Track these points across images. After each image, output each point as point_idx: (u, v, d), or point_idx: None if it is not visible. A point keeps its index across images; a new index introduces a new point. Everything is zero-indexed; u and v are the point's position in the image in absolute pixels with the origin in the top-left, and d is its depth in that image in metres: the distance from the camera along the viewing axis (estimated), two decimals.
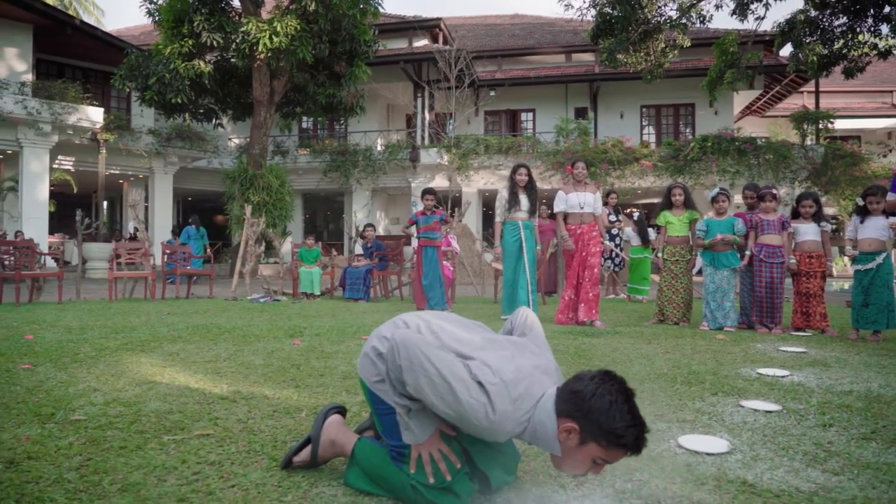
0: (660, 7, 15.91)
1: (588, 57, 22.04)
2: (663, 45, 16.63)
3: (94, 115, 15.69)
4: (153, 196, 18.40)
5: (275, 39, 12.86)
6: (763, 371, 3.44)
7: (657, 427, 2.31)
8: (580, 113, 22.03)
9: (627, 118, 22.17)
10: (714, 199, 5.61)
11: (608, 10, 15.49)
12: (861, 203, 4.85)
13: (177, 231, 18.71)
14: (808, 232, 5.13)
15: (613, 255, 10.25)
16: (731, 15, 16.48)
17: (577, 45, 22.04)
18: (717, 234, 5.31)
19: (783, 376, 3.31)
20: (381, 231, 22.21)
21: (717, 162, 18.47)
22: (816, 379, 3.26)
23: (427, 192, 6.98)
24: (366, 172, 19.82)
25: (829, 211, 23.22)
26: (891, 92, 26.60)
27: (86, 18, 27.13)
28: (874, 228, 4.74)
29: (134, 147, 17.31)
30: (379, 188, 20.83)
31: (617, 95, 21.70)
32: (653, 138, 22.34)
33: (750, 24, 17.85)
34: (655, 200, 23.12)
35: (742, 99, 23.41)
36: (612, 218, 10.34)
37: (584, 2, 15.53)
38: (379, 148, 20.70)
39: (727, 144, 18.52)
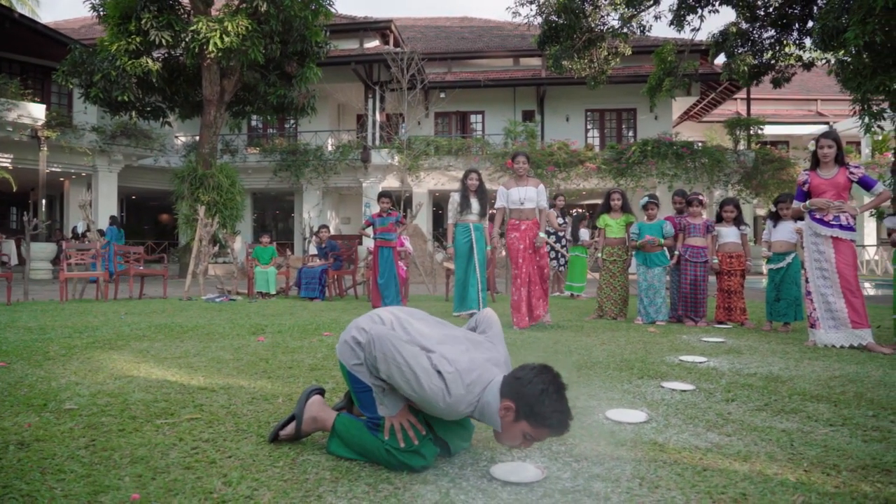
0: (603, 17, 16.62)
1: (535, 61, 22.69)
2: (606, 53, 17.37)
3: (35, 111, 15.27)
4: (97, 195, 17.99)
5: (225, 39, 12.87)
6: (684, 358, 3.90)
7: (589, 404, 2.71)
8: (528, 116, 22.67)
9: (573, 121, 22.94)
10: (645, 207, 6.11)
11: (554, 18, 16.07)
12: (773, 209, 5.44)
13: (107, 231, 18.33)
14: (730, 234, 5.70)
15: (559, 255, 10.77)
16: (669, 25, 17.35)
17: (525, 50, 22.65)
18: (646, 236, 5.81)
19: (701, 362, 3.78)
20: (332, 230, 22.30)
21: (656, 165, 19.36)
22: (729, 364, 3.75)
23: (383, 195, 7.28)
24: (317, 172, 19.89)
25: (760, 212, 24.60)
26: (815, 100, 28.28)
27: (20, 9, 26.10)
28: (785, 232, 5.33)
29: (77, 145, 16.90)
30: (330, 188, 20.92)
31: (563, 99, 22.43)
32: (597, 141, 23.20)
33: (686, 34, 18.77)
34: (598, 202, 23.99)
35: (680, 105, 24.54)
36: (560, 221, 10.86)
37: (532, 10, 16.09)
38: (330, 148, 20.80)
39: (666, 148, 19.44)
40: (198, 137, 17.36)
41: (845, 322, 4.40)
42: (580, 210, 24.56)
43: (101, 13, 14.08)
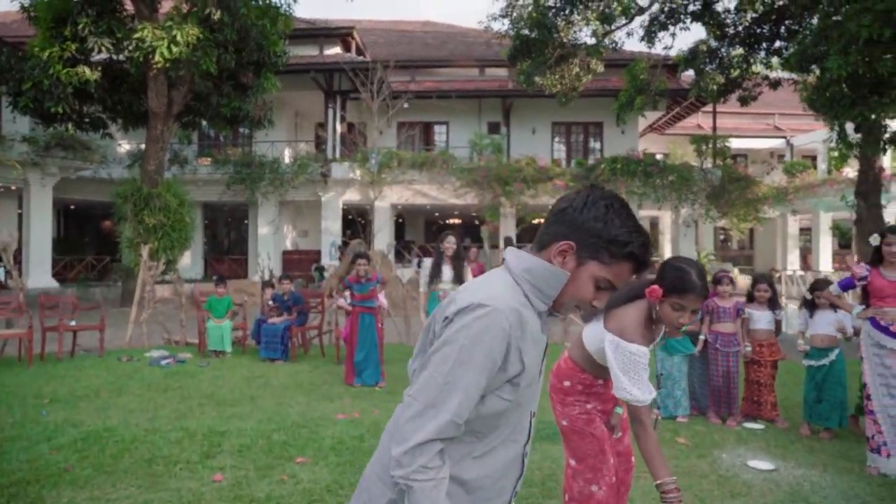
0: (575, 32, 16.06)
1: (501, 72, 22.00)
2: (578, 69, 16.83)
3: None
4: (28, 210, 16.38)
5: (174, 49, 11.67)
6: None
7: None
8: (493, 127, 22.00)
9: (539, 134, 22.39)
10: None
11: (526, 32, 15.41)
12: (809, 297, 4.82)
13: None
14: (762, 319, 5.05)
15: None
16: (640, 41, 16.93)
17: (491, 60, 21.95)
18: None
19: None
20: (287, 245, 21.15)
21: (625, 183, 18.96)
22: None
23: (359, 256, 6.40)
24: (273, 186, 18.70)
25: (720, 223, 24.53)
26: (773, 115, 28.57)
27: None
28: (824, 324, 4.72)
29: (4, 157, 15.29)
30: (287, 200, 19.76)
31: (529, 111, 21.84)
32: (563, 154, 22.73)
33: (657, 50, 18.57)
34: None
35: (646, 118, 24.30)
36: None
37: (504, 24, 15.40)
38: (287, 160, 19.62)
39: (635, 166, 19.07)
40: (143, 147, 16.01)
41: None
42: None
43: (32, 14, 12.64)
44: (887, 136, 12.49)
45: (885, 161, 17.78)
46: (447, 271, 5.84)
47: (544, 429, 4.80)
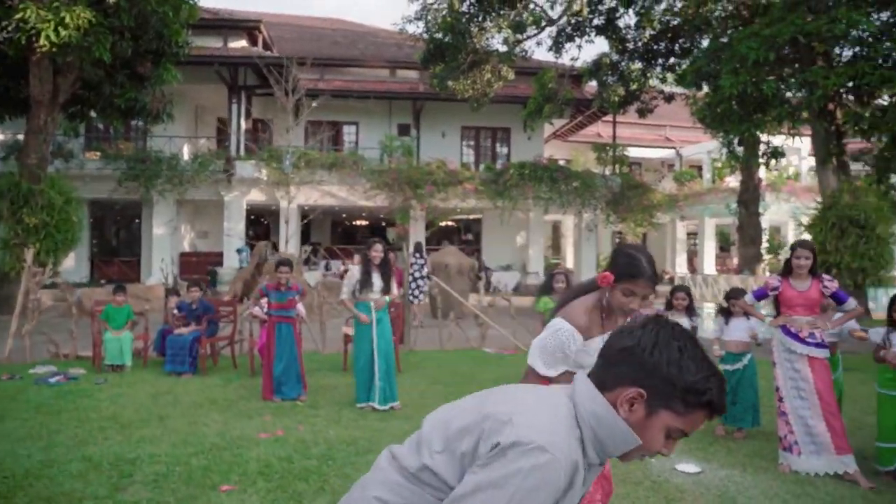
0: (488, 39, 16.31)
1: (412, 74, 21.94)
2: (489, 76, 17.10)
3: None
4: None
5: (62, 32, 10.66)
6: None
7: None
8: (403, 129, 21.90)
9: (449, 138, 22.54)
10: None
11: (440, 36, 15.46)
12: (725, 304, 5.11)
13: None
14: None
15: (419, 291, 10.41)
16: (549, 51, 17.46)
17: (402, 62, 21.85)
18: None
19: None
20: (185, 246, 20.01)
21: (532, 188, 19.46)
22: None
23: (282, 263, 6.07)
24: (171, 184, 17.58)
25: (615, 227, 25.76)
26: (665, 126, 30.37)
27: None
28: (739, 330, 5.01)
29: None
30: (186, 199, 18.65)
31: (439, 115, 21.92)
32: (472, 158, 23.01)
33: (564, 60, 19.33)
34: (473, 217, 23.92)
35: (551, 125, 25.10)
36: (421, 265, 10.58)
37: (419, 27, 15.38)
38: (186, 156, 18.53)
39: (542, 172, 19.62)
40: (20, 138, 14.55)
41: (828, 447, 4.08)
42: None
43: None
44: (768, 150, 13.61)
45: (762, 173, 19.33)
46: (377, 281, 5.68)
47: None
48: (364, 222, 25.60)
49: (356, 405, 5.73)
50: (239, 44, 19.01)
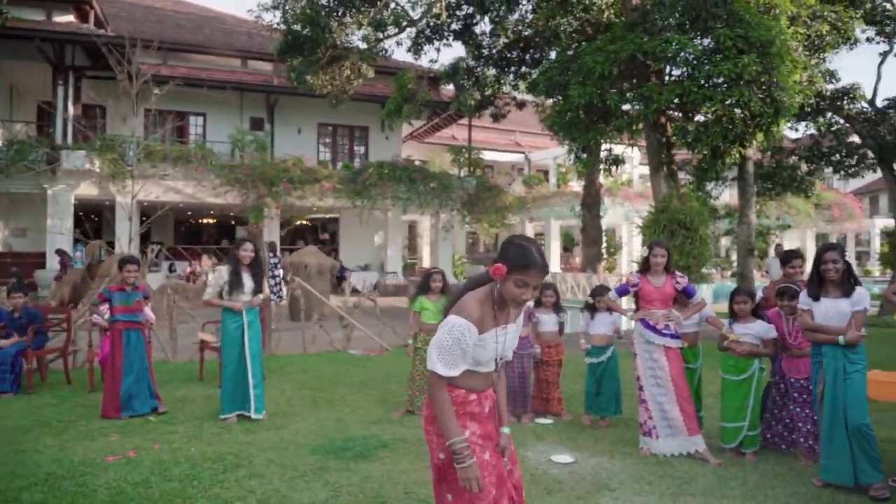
0: (348, 35, 16.01)
1: (266, 65, 20.97)
2: (349, 72, 16.81)
3: None
4: None
5: None
6: None
7: None
8: (256, 123, 20.89)
9: (305, 134, 21.88)
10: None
11: (297, 27, 14.90)
12: (590, 301, 5.41)
13: None
14: (549, 322, 5.52)
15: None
16: (408, 52, 17.55)
17: (255, 52, 20.82)
18: None
19: None
20: (0, 245, 17.49)
21: (391, 188, 19.46)
22: None
23: (128, 261, 5.44)
24: None
25: (468, 228, 26.58)
26: (514, 132, 31.89)
27: None
28: (603, 324, 5.33)
29: None
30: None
31: (295, 110, 21.20)
32: (329, 156, 22.51)
33: (423, 62, 19.53)
34: (330, 216, 23.40)
35: (408, 126, 25.28)
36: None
37: (275, 16, 14.69)
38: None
39: (401, 172, 19.69)
40: None
41: (681, 430, 4.46)
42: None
43: None
44: (610, 157, 14.72)
45: (601, 178, 20.94)
46: (248, 282, 5.30)
47: (355, 446, 4.62)
48: (211, 220, 24.05)
49: (219, 417, 5.31)
50: (65, 19, 16.95)
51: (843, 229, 31.06)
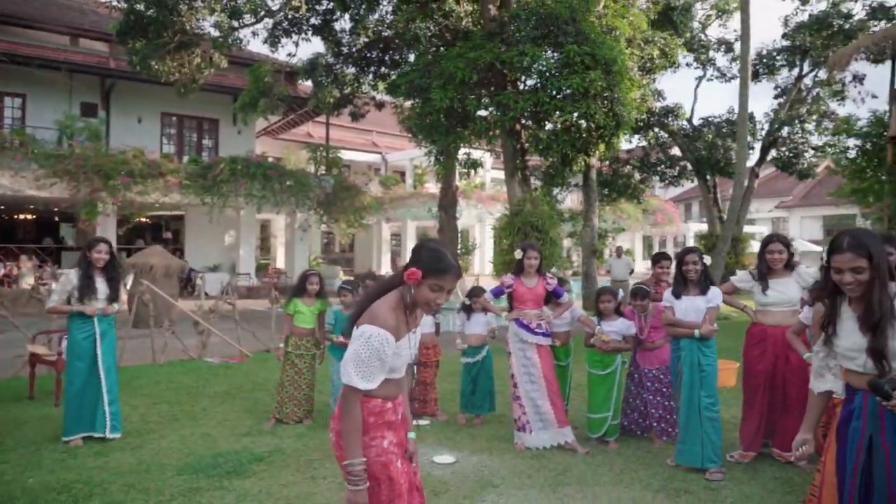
0: (199, 20, 14.99)
1: (100, 46, 19.01)
2: (199, 60, 15.75)
3: None
4: None
5: None
6: None
7: None
8: (88, 109, 18.87)
9: (146, 124, 20.15)
10: (339, 292, 5.48)
11: (141, 7, 13.68)
12: (467, 301, 5.54)
13: None
14: (426, 324, 5.54)
15: None
16: (264, 43, 16.84)
17: (88, 30, 18.78)
18: (340, 337, 5.19)
19: None
20: None
21: (245, 185, 18.55)
22: None
23: None
24: None
25: (325, 227, 26.12)
26: (371, 132, 31.83)
27: None
28: (478, 325, 5.48)
29: None
30: None
31: (134, 97, 19.45)
32: (173, 149, 20.92)
33: (282, 56, 18.80)
34: (174, 213, 21.73)
35: (262, 121, 24.23)
36: None
37: None
38: None
39: (255, 169, 18.84)
40: None
41: (552, 422, 4.71)
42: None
43: None
44: (469, 161, 15.21)
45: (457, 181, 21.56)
46: (102, 286, 4.76)
47: (226, 462, 4.35)
48: (30, 216, 21.34)
49: (62, 440, 4.73)
50: None
51: (665, 232, 34.77)
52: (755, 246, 24.46)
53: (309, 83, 18.93)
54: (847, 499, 2.21)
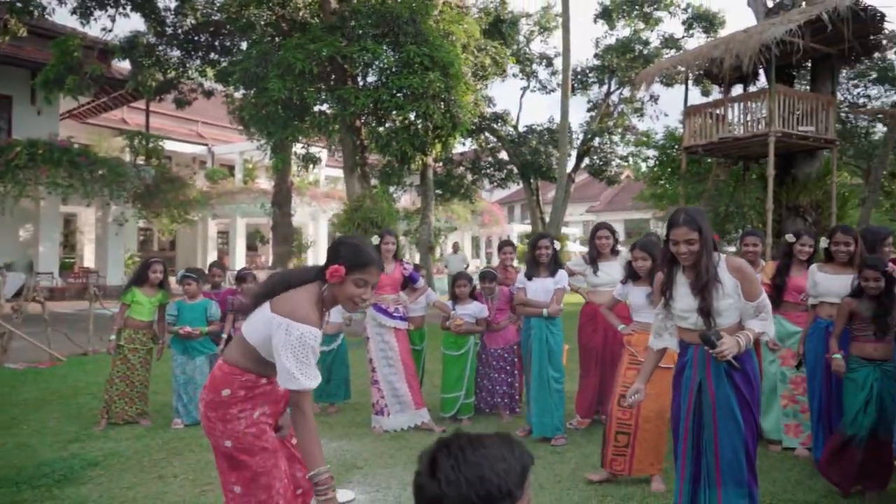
0: None
1: None
2: None
3: None
4: None
5: None
6: None
7: None
8: None
9: None
10: (184, 280, 5.11)
11: None
12: None
13: None
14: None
15: None
16: (72, 14, 15.10)
17: None
18: (186, 327, 4.86)
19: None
20: None
21: (48, 173, 16.40)
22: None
23: None
24: None
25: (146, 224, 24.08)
26: (197, 122, 29.78)
27: None
28: (334, 313, 5.42)
29: None
30: None
31: None
32: None
33: (94, 31, 16.77)
34: None
35: (66, 103, 21.54)
36: None
37: None
38: None
39: (60, 154, 16.74)
40: None
41: (409, 404, 4.83)
42: None
43: None
44: (307, 156, 14.90)
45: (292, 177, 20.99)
46: None
47: (54, 470, 3.89)
48: None
49: None
50: None
51: (491, 232, 36.80)
52: (571, 246, 26.85)
53: (127, 63, 17.28)
54: (683, 434, 2.60)
